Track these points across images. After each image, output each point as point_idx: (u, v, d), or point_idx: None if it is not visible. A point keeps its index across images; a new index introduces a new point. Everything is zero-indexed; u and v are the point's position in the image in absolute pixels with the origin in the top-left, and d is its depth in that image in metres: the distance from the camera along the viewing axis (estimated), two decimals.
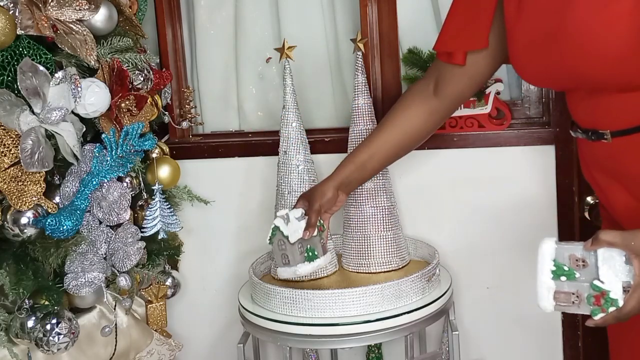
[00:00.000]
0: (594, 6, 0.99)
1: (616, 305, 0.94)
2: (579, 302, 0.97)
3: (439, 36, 1.34)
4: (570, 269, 0.98)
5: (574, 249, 0.99)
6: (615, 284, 0.94)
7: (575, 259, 0.98)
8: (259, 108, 2.08)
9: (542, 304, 1.00)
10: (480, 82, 1.36)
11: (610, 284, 0.95)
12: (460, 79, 1.33)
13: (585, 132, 1.15)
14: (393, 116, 1.43)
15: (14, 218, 1.28)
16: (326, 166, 1.82)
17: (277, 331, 1.44)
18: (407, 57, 1.85)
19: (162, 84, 1.68)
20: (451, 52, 1.30)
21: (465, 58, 1.29)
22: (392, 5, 1.84)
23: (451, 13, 1.31)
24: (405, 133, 1.42)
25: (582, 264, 0.97)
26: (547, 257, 0.99)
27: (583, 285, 0.97)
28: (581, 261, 0.98)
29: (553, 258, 0.99)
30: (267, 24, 2.03)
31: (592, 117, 1.13)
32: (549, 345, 1.82)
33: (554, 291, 0.99)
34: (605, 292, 0.95)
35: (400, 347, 1.81)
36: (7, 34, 1.21)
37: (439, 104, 1.38)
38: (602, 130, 1.10)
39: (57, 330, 1.33)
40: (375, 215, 1.60)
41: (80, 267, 1.42)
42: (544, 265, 0.99)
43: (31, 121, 1.24)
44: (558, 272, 0.98)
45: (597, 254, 0.97)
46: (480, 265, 1.82)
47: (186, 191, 1.87)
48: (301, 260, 1.43)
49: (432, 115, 1.40)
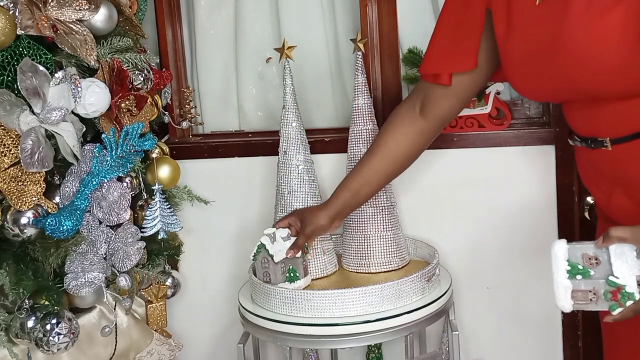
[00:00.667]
0: (587, 20, 1.00)
1: (633, 298, 0.96)
2: (596, 299, 0.99)
3: (424, 59, 1.34)
4: (584, 267, 0.99)
5: (586, 247, 1.01)
6: (630, 278, 0.96)
7: (588, 257, 1.00)
8: (259, 108, 2.08)
9: (560, 303, 1.01)
10: (466, 100, 1.37)
11: (625, 278, 0.97)
12: (447, 98, 1.33)
13: (584, 140, 1.15)
14: (382, 141, 1.43)
15: (14, 218, 1.28)
16: (326, 166, 1.82)
17: (277, 331, 1.44)
18: (407, 57, 1.85)
19: (162, 84, 1.68)
20: (437, 74, 1.30)
21: (451, 79, 1.29)
22: (392, 5, 1.84)
23: (435, 35, 1.31)
24: (396, 158, 1.42)
25: (596, 262, 0.99)
26: (560, 258, 1.01)
27: (599, 282, 0.99)
28: (594, 259, 1.00)
29: (567, 258, 1.01)
30: (267, 24, 2.03)
31: (590, 126, 1.13)
32: (549, 345, 1.82)
33: (571, 290, 1.00)
34: (621, 286, 0.97)
35: (400, 347, 1.81)
36: (7, 34, 1.21)
37: (426, 125, 1.38)
38: (601, 138, 1.11)
39: (57, 330, 1.33)
40: (375, 215, 1.60)
41: (80, 267, 1.42)
42: (558, 266, 1.01)
43: (31, 121, 1.24)
44: (573, 272, 1.00)
45: (609, 250, 0.98)
46: (480, 265, 1.82)
47: (186, 191, 1.87)
48: (282, 280, 1.48)
49: (420, 136, 1.40)
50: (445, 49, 1.29)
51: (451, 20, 1.28)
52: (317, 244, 1.60)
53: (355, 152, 1.63)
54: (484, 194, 1.79)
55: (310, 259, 1.58)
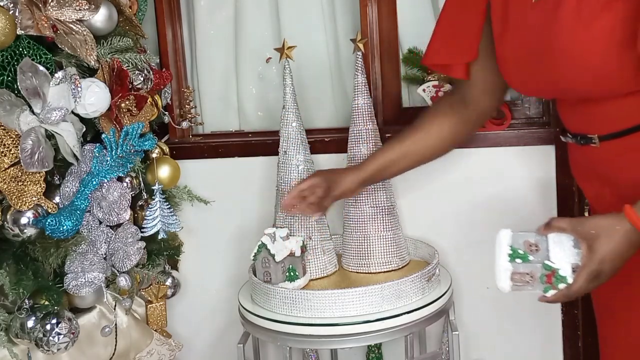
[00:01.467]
0: (578, 24, 1.02)
1: (565, 282, 1.03)
2: (532, 281, 1.05)
3: (426, 50, 1.35)
4: (524, 252, 1.06)
5: (528, 235, 1.08)
6: (565, 264, 1.03)
7: (530, 244, 1.07)
8: (259, 108, 2.08)
9: (500, 284, 1.08)
10: (495, 91, 1.34)
11: (559, 263, 1.03)
12: (474, 91, 1.33)
13: (574, 136, 1.18)
14: (428, 121, 1.41)
15: (14, 218, 1.28)
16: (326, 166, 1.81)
17: (277, 331, 1.44)
18: (407, 57, 1.85)
19: (162, 84, 1.68)
20: (448, 65, 1.32)
21: (468, 72, 1.30)
22: (392, 5, 1.84)
23: (438, 26, 1.32)
24: (439, 139, 1.40)
25: (535, 249, 1.07)
26: (504, 244, 1.08)
27: (536, 266, 1.05)
28: (534, 246, 1.07)
29: (510, 244, 1.08)
30: (267, 24, 2.03)
31: (580, 123, 1.16)
32: (549, 345, 1.82)
33: (511, 272, 1.06)
34: (555, 270, 1.03)
35: (400, 347, 1.81)
36: (7, 34, 1.21)
37: (467, 115, 1.37)
38: (590, 135, 1.14)
39: (57, 330, 1.33)
40: (375, 215, 1.60)
41: (80, 267, 1.42)
42: (501, 250, 1.08)
43: (31, 121, 1.24)
44: (514, 256, 1.07)
45: (548, 238, 1.06)
46: (480, 265, 1.82)
47: (186, 191, 1.87)
48: (282, 279, 1.49)
49: (463, 125, 1.39)
50: (447, 41, 1.31)
51: (453, 12, 1.29)
52: (317, 244, 1.60)
53: (355, 152, 1.63)
54: (484, 193, 1.79)
55: (310, 258, 1.58)
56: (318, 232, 1.61)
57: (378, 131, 1.65)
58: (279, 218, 1.62)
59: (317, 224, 1.61)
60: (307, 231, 1.59)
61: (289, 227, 1.58)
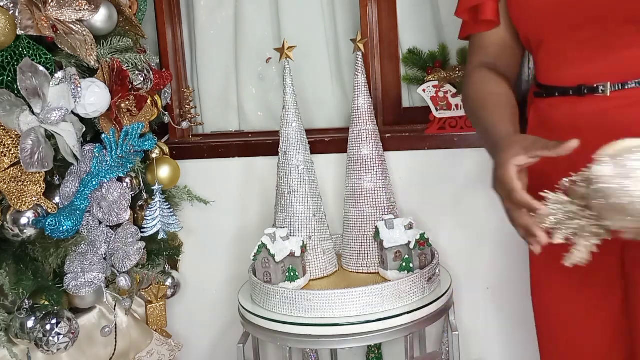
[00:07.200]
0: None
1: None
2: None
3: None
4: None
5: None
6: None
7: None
8: (259, 108, 2.08)
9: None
10: (512, 46, 1.27)
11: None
12: (495, 49, 1.27)
13: (571, 89, 1.09)
14: (493, 80, 1.28)
15: (14, 218, 1.28)
16: (326, 166, 1.82)
17: (277, 331, 1.44)
18: (407, 57, 1.85)
19: (162, 84, 1.68)
20: (480, 5, 1.24)
21: (498, 15, 1.22)
22: (392, 5, 1.84)
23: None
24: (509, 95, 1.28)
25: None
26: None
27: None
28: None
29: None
30: (267, 24, 2.03)
31: (586, 68, 1.07)
32: None
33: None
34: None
35: (400, 347, 1.81)
36: (7, 34, 1.21)
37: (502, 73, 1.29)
38: (597, 83, 1.05)
39: (57, 331, 1.33)
40: (375, 215, 1.60)
41: (80, 267, 1.42)
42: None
43: (31, 121, 1.24)
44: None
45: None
46: (480, 265, 1.82)
47: (186, 191, 1.87)
48: (282, 280, 1.49)
49: (507, 82, 1.29)
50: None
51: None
52: (317, 244, 1.60)
53: (355, 152, 1.63)
54: (484, 194, 1.78)
55: (310, 258, 1.59)
56: (318, 232, 1.61)
57: (378, 131, 1.65)
58: (279, 218, 1.63)
59: (317, 224, 1.61)
60: (307, 231, 1.59)
61: (289, 227, 1.58)
